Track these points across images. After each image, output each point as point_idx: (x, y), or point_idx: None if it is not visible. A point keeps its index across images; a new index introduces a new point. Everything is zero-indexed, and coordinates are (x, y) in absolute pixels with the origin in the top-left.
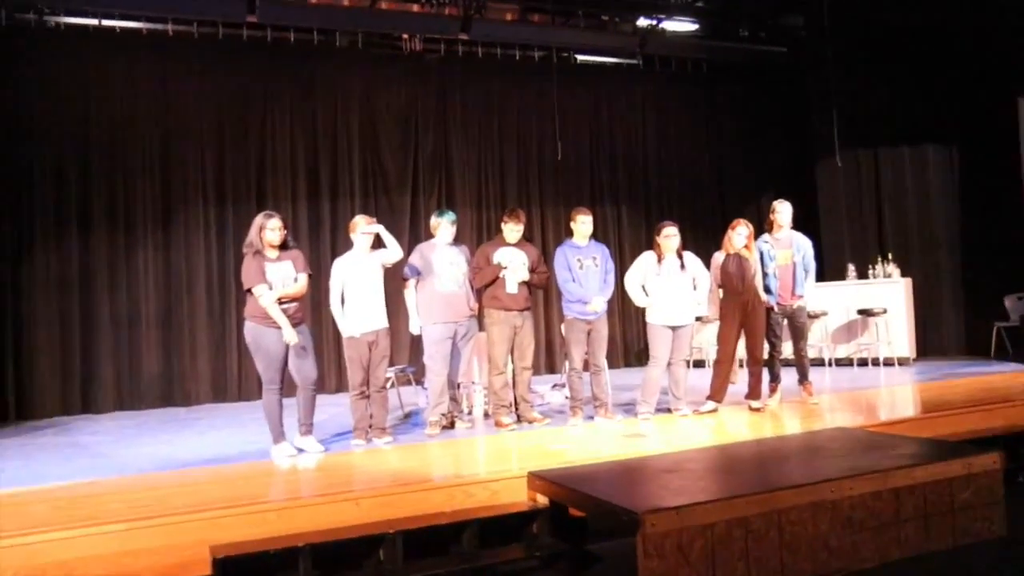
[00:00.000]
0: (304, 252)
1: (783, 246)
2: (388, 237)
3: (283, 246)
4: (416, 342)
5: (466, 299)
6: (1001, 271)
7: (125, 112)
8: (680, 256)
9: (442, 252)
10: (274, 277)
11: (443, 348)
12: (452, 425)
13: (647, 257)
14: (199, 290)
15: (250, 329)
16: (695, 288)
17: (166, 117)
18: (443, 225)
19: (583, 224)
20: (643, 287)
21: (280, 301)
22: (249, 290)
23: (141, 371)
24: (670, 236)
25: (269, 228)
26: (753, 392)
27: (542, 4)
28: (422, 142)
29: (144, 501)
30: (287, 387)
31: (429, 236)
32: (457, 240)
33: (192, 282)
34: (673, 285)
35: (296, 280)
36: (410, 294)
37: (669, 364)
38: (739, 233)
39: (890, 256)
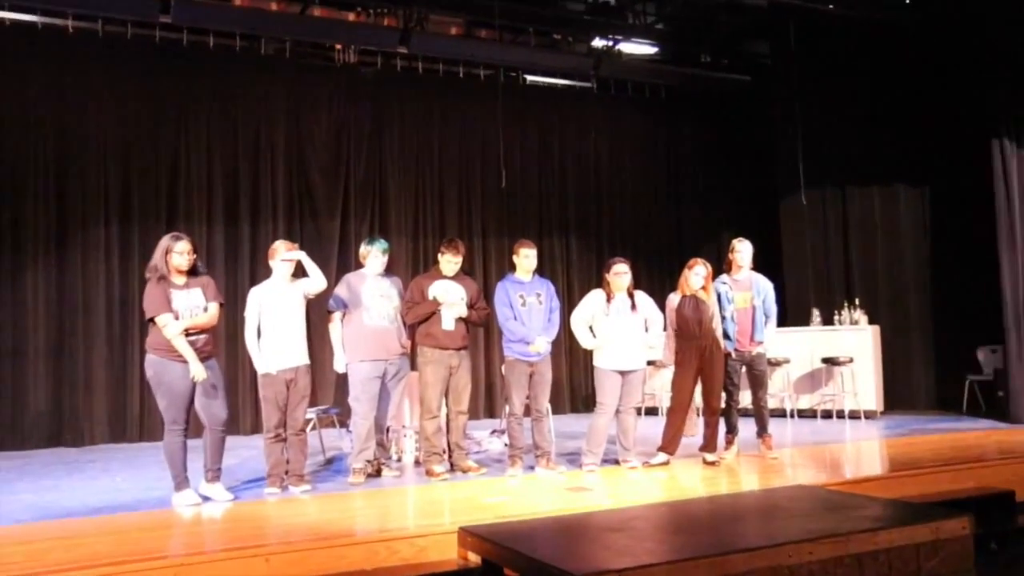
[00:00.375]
0: (217, 279)
1: (742, 288)
2: (311, 265)
3: (192, 272)
4: (341, 381)
5: (397, 335)
6: (974, 321)
7: (14, 118)
8: (631, 296)
9: (372, 283)
10: (181, 306)
11: (370, 388)
12: (379, 473)
13: (595, 296)
14: (97, 318)
15: (152, 363)
16: (647, 330)
17: (63, 124)
18: (373, 254)
19: (527, 258)
20: (591, 328)
21: (187, 333)
22: (152, 319)
23: (26, 407)
24: (620, 274)
25: (176, 251)
26: (708, 444)
27: (490, 19)
28: (354, 163)
29: (13, 557)
30: (193, 428)
31: (359, 266)
32: (389, 271)
33: (90, 309)
34: (623, 326)
35: (206, 310)
36: (335, 328)
37: (618, 412)
38: (696, 273)
39: (857, 302)
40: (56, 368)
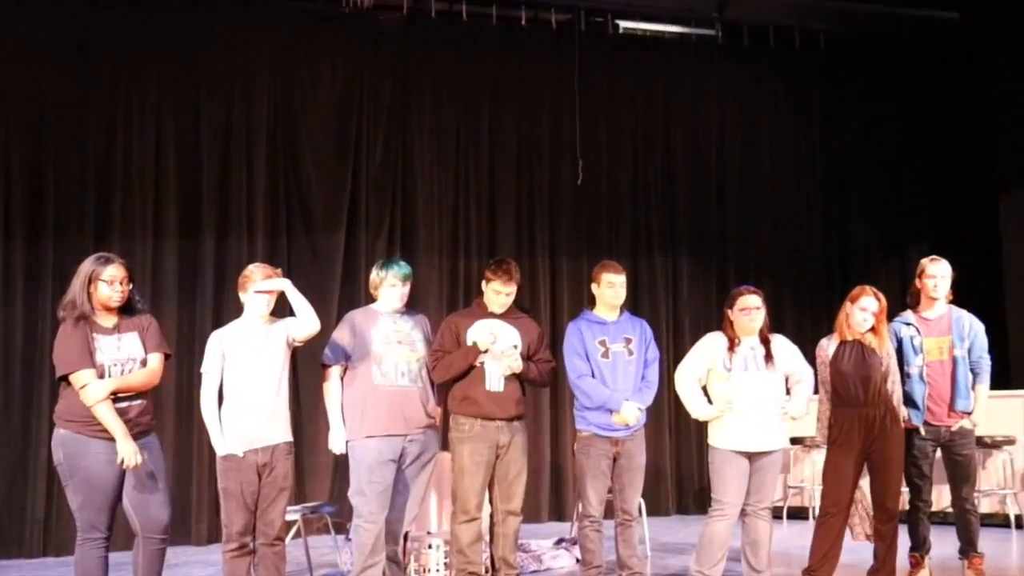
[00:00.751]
0: (164, 320)
1: (937, 330)
2: (298, 298)
3: (126, 309)
4: (341, 466)
5: (422, 399)
6: None
7: None
8: (765, 343)
9: (387, 325)
10: (108, 358)
11: (381, 477)
12: None
13: (712, 341)
14: None
15: (63, 440)
16: (788, 393)
17: None
18: (389, 282)
19: (611, 287)
20: (705, 389)
21: (116, 397)
22: (65, 377)
23: None
24: (750, 310)
25: (104, 279)
26: (884, 566)
27: None
28: (367, 152)
29: None
30: (122, 537)
31: (369, 299)
32: (413, 307)
33: None
34: (753, 387)
35: (144, 363)
36: (332, 389)
37: (744, 514)
38: (862, 307)
39: None
40: None
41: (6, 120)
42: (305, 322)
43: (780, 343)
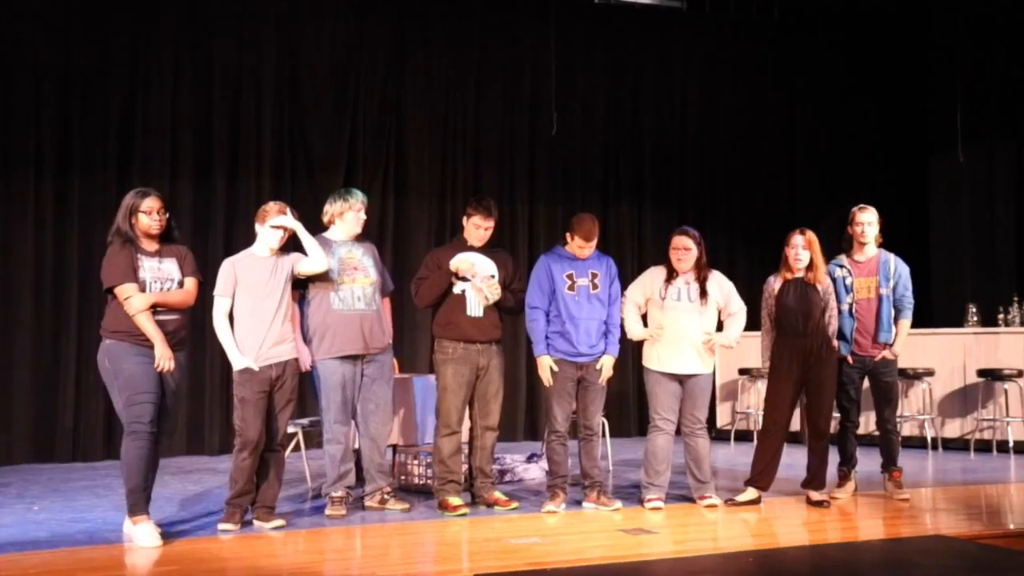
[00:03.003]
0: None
1: (866, 271)
2: (308, 239)
3: (166, 237)
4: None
5: (378, 321)
6: None
7: None
8: (701, 279)
9: (340, 253)
10: (149, 276)
11: (344, 393)
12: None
13: (654, 274)
14: (21, 300)
15: (108, 349)
16: (722, 327)
17: None
18: (354, 208)
19: (580, 249)
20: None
21: (155, 311)
22: (111, 290)
23: None
24: (679, 250)
25: (143, 210)
26: (814, 478)
27: None
28: (364, 102)
29: None
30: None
31: (322, 228)
32: (404, 239)
33: (12, 287)
34: (684, 317)
35: (181, 285)
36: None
37: (683, 435)
38: (792, 245)
39: None
40: None
41: (36, 69)
42: (314, 261)
43: (716, 280)
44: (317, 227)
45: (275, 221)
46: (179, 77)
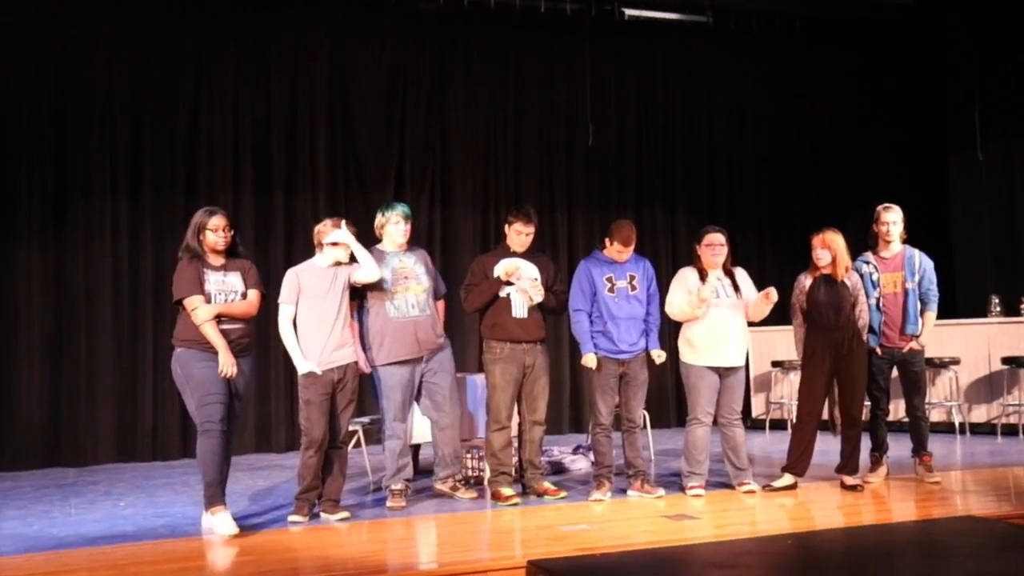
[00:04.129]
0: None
1: (891, 267)
2: (362, 253)
3: (231, 252)
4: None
5: (431, 325)
6: None
7: (6, 65)
8: (730, 274)
9: (393, 264)
10: (214, 289)
11: (402, 395)
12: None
13: (687, 274)
14: (103, 310)
15: (178, 356)
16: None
17: (63, 73)
18: (393, 221)
19: (619, 254)
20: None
21: (220, 321)
22: (180, 302)
23: (17, 419)
24: (715, 246)
25: (210, 228)
26: (848, 464)
27: None
28: (410, 119)
29: None
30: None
31: (375, 241)
32: (452, 248)
33: (93, 299)
34: (721, 312)
35: (244, 296)
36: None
37: (720, 425)
38: (813, 246)
39: None
40: (53, 372)
41: (110, 95)
42: (366, 271)
43: (743, 275)
44: (371, 238)
45: (331, 238)
46: (239, 101)
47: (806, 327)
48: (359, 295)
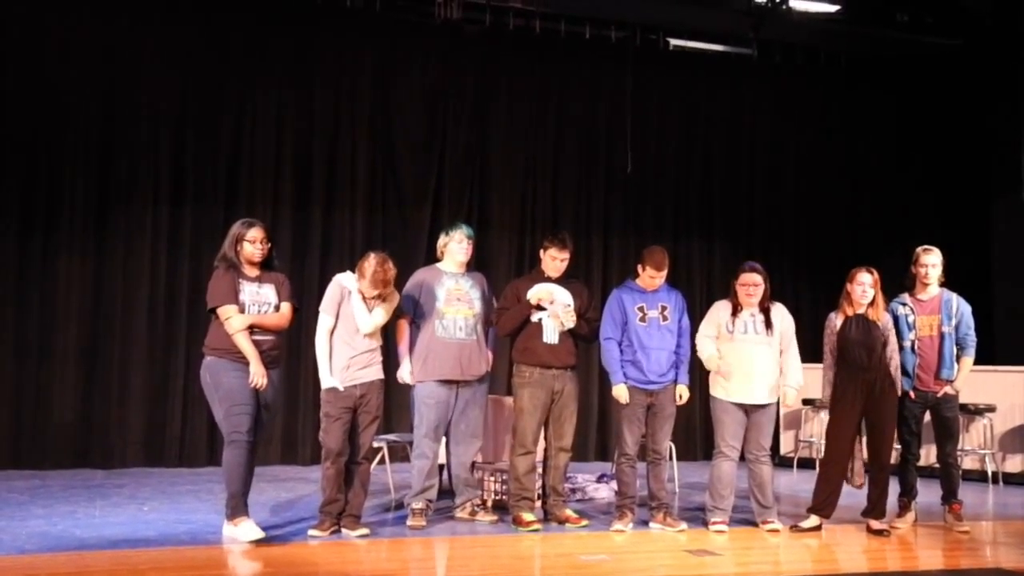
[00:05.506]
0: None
1: (928, 310)
2: (358, 306)
3: (266, 264)
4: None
5: (478, 350)
6: None
7: (52, 76)
8: (765, 311)
9: (449, 284)
10: (249, 299)
11: (437, 414)
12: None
13: (720, 308)
14: (138, 316)
15: (209, 365)
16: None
17: (111, 84)
18: (457, 240)
19: (652, 279)
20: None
21: (252, 331)
22: (214, 310)
23: (49, 419)
24: (749, 287)
25: (248, 240)
26: (876, 508)
27: None
28: (451, 140)
29: None
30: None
31: (434, 260)
32: (484, 273)
33: (130, 304)
34: (751, 349)
35: (277, 308)
36: (403, 334)
37: (748, 462)
38: (860, 283)
39: None
40: (86, 373)
41: (157, 106)
42: (361, 324)
43: (779, 311)
44: (406, 260)
45: (367, 293)
46: (282, 117)
47: (836, 368)
48: (412, 310)
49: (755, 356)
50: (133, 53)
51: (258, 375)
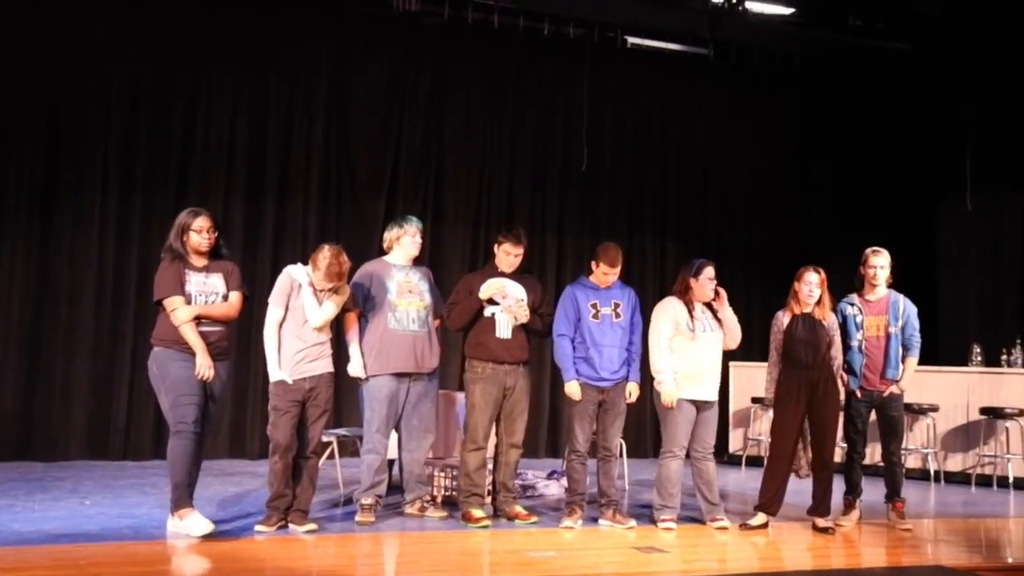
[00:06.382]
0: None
1: (876, 311)
2: (309, 300)
3: (214, 254)
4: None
5: (430, 342)
6: None
7: (0, 58)
8: (710, 306)
9: (399, 277)
10: (195, 291)
11: (389, 408)
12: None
13: (675, 306)
14: (84, 306)
15: (156, 356)
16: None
17: (60, 68)
18: (409, 234)
19: (604, 276)
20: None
21: (200, 322)
22: (160, 302)
23: None
24: (713, 280)
25: (194, 229)
26: (820, 506)
27: None
28: (407, 133)
29: None
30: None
31: (382, 252)
32: (440, 266)
33: (75, 294)
34: (708, 346)
35: (226, 298)
36: (352, 328)
37: (693, 460)
38: (807, 282)
39: None
40: (29, 364)
41: (108, 90)
42: (311, 317)
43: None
44: (360, 252)
45: (320, 284)
46: (237, 104)
47: (781, 365)
48: (363, 303)
49: (712, 352)
50: (84, 36)
51: (204, 367)
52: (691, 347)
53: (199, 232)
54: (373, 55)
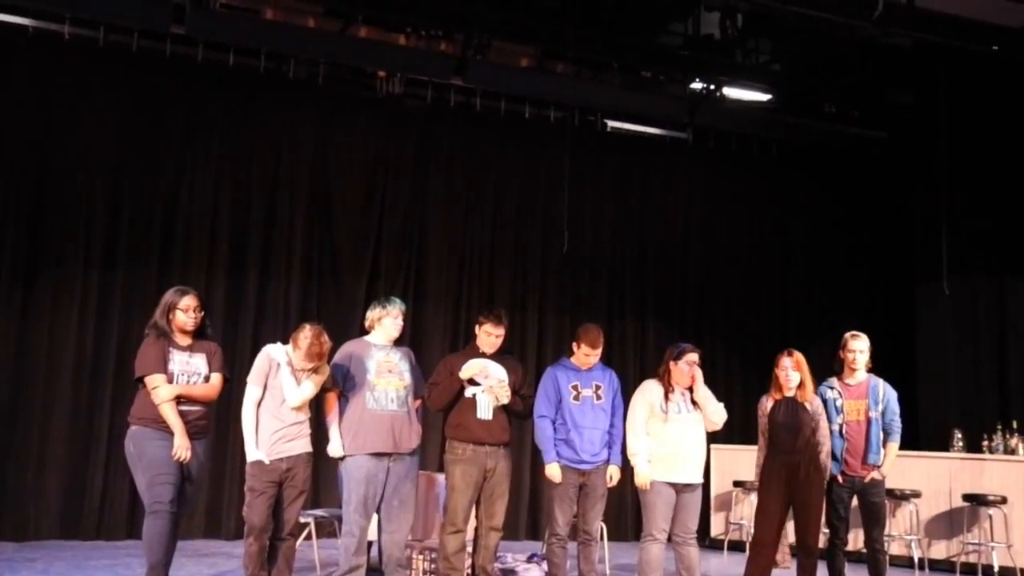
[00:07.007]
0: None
1: (856, 395)
2: (288, 381)
3: (199, 333)
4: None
5: (409, 422)
6: None
7: None
8: (689, 389)
9: (379, 356)
10: (178, 369)
11: (368, 489)
12: None
13: (652, 389)
14: (62, 380)
15: (133, 434)
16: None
17: (46, 144)
18: (392, 315)
19: (586, 357)
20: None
21: (180, 402)
22: (141, 379)
23: None
24: (695, 364)
25: (181, 308)
26: None
27: (567, 50)
28: (389, 214)
29: None
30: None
31: (364, 332)
32: (419, 347)
33: (54, 368)
34: (684, 429)
35: (207, 380)
36: (332, 408)
37: (675, 544)
38: (783, 367)
39: (1015, 425)
40: (4, 437)
41: (92, 168)
42: (290, 397)
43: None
44: (341, 330)
45: (299, 365)
46: (220, 183)
47: (766, 450)
48: (341, 383)
49: (688, 435)
50: (70, 113)
51: (182, 448)
52: (664, 430)
53: (185, 311)
54: (355, 136)
